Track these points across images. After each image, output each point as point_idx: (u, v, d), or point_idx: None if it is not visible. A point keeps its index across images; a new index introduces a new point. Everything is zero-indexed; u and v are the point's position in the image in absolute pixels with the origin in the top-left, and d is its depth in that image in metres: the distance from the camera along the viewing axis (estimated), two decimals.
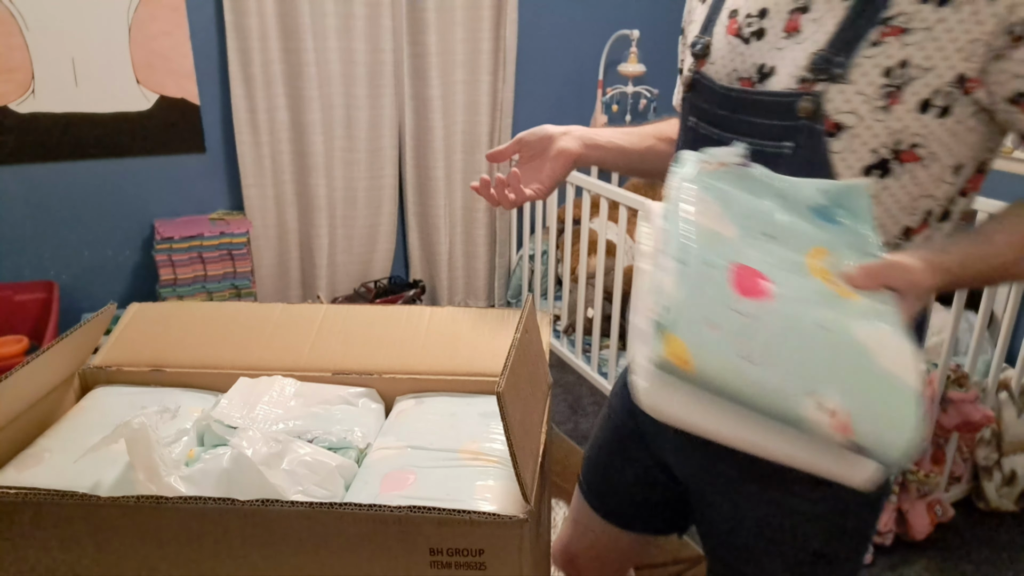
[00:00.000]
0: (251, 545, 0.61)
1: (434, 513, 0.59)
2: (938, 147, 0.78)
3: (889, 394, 0.56)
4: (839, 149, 0.79)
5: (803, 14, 0.82)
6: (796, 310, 0.59)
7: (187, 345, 0.93)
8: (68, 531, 0.62)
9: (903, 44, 0.76)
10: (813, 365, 0.56)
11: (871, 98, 0.77)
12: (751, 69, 0.86)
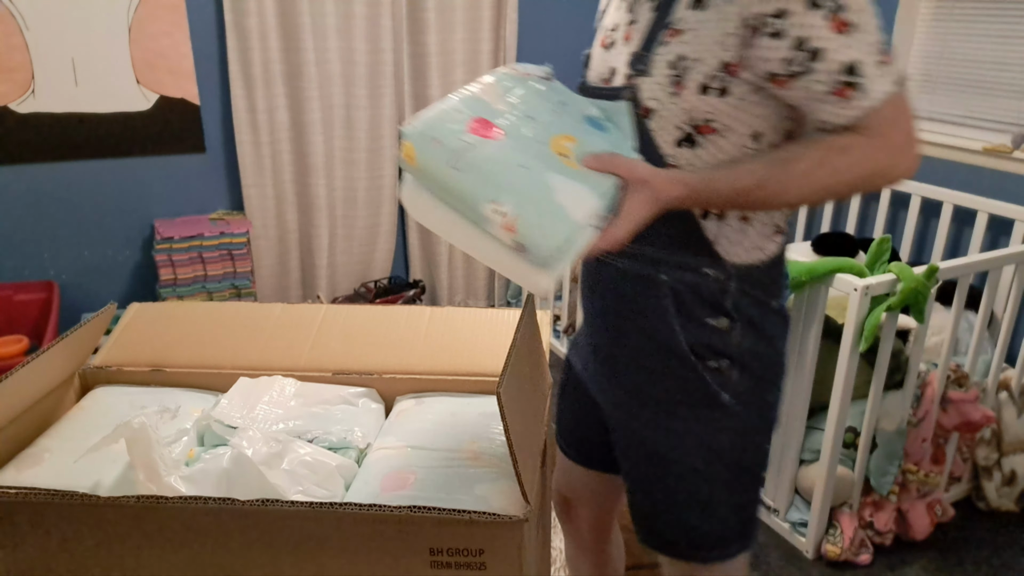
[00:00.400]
0: (251, 545, 0.61)
1: (434, 513, 0.59)
2: (728, 120, 0.94)
3: (552, 215, 0.76)
4: (654, 128, 0.97)
5: (632, 26, 1.01)
6: (510, 151, 0.78)
7: (187, 345, 0.93)
8: (68, 531, 0.62)
9: (680, 42, 0.93)
10: (501, 183, 0.76)
11: (664, 86, 0.95)
12: (608, 71, 1.05)
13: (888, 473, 2.00)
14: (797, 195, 0.93)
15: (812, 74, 0.88)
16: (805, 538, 2.05)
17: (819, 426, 2.02)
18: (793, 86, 0.90)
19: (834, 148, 0.91)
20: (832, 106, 0.90)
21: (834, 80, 0.88)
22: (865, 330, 1.78)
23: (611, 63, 1.04)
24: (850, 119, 0.90)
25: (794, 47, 0.88)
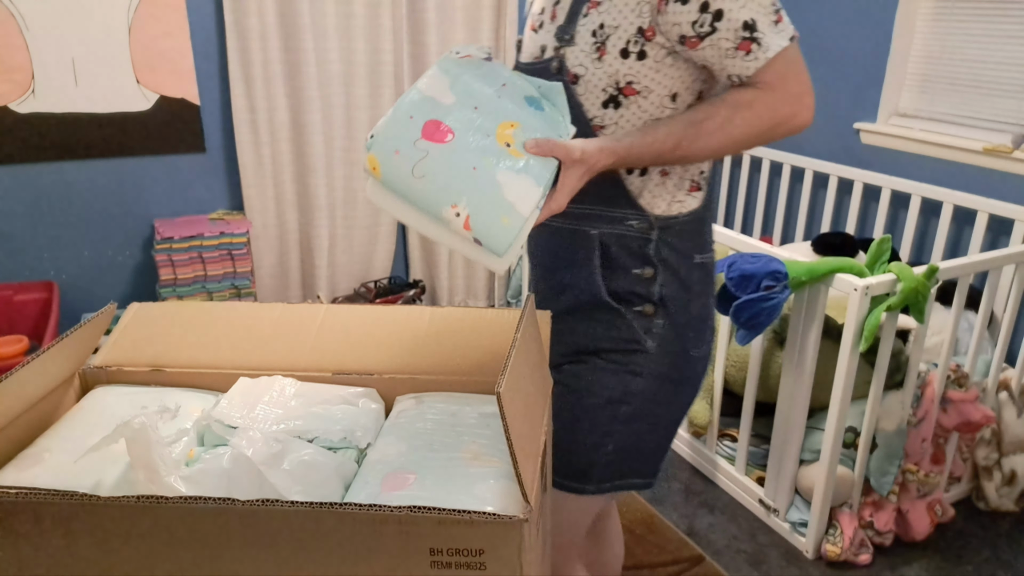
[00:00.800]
0: (251, 545, 0.61)
1: (434, 513, 0.59)
2: (648, 82, 1.05)
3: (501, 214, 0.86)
4: (581, 92, 1.07)
5: (556, 5, 1.11)
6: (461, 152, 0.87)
7: (187, 345, 0.93)
8: (68, 531, 0.62)
9: (599, 12, 1.04)
10: (457, 187, 0.86)
11: (589, 53, 1.05)
12: (538, 50, 1.13)
13: (888, 473, 2.00)
14: (711, 150, 1.04)
15: (717, 33, 0.99)
16: (805, 538, 2.05)
17: (819, 426, 2.02)
18: (702, 46, 1.01)
19: (740, 104, 1.02)
20: (738, 60, 1.01)
21: (737, 36, 1.00)
22: (865, 330, 1.78)
23: (541, 42, 1.13)
24: (755, 70, 1.01)
25: (700, 10, 0.99)
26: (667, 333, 1.14)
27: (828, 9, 3.01)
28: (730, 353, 2.24)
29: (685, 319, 1.14)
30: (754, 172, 3.44)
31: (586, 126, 1.07)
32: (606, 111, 1.06)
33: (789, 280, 1.84)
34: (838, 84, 3.02)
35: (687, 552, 1.15)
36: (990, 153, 2.47)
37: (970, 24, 2.59)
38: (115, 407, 0.83)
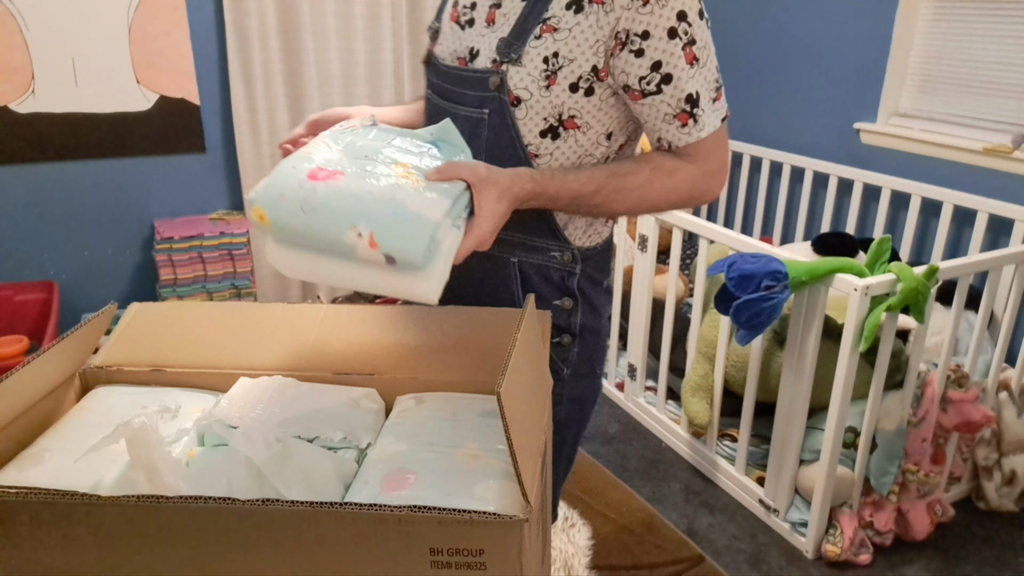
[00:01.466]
0: (251, 545, 0.61)
1: (434, 513, 0.59)
2: (590, 118, 1.02)
3: (409, 221, 0.79)
4: (520, 116, 1.01)
5: (497, 9, 1.03)
6: (354, 182, 0.82)
7: (187, 345, 0.93)
8: (68, 531, 0.62)
9: (555, 40, 0.98)
10: (354, 210, 0.79)
11: (536, 79, 0.99)
12: (465, 51, 1.06)
13: (888, 473, 2.00)
14: (625, 206, 1.02)
15: (661, 95, 0.98)
16: (805, 538, 2.05)
17: (819, 426, 2.02)
18: (643, 102, 1.00)
19: (663, 169, 1.02)
20: (673, 128, 1.00)
21: (678, 106, 0.99)
22: (865, 330, 1.78)
23: (469, 43, 1.05)
24: (685, 143, 1.01)
25: (651, 68, 0.97)
26: (581, 360, 1.15)
27: (828, 9, 3.01)
28: (730, 353, 2.24)
29: (595, 343, 1.17)
30: (754, 172, 3.44)
31: (520, 151, 1.03)
32: (543, 140, 1.03)
33: (789, 280, 1.84)
34: (838, 84, 3.02)
35: (687, 552, 1.15)
36: (990, 153, 2.47)
37: (970, 24, 2.59)
38: (115, 407, 0.83)
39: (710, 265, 2.00)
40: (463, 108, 1.06)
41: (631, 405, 2.75)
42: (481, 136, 1.04)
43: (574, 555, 1.19)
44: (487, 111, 1.03)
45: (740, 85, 3.49)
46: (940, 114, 2.72)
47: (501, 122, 1.02)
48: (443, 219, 0.82)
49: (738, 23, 3.45)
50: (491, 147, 1.04)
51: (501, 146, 1.04)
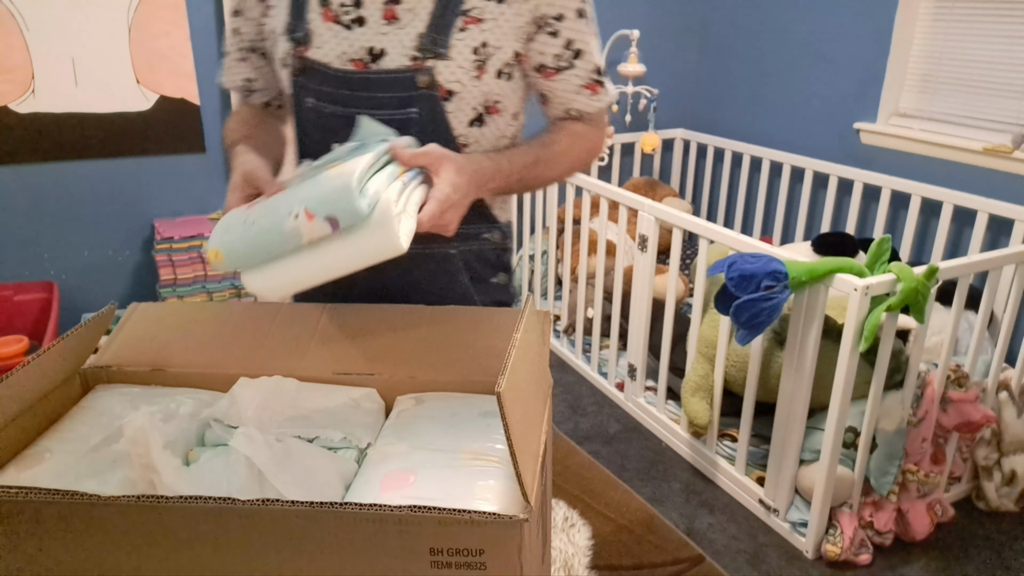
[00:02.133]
0: (251, 545, 0.61)
1: (434, 512, 0.59)
2: (507, 102, 1.08)
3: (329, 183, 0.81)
4: (451, 110, 1.03)
5: (396, 5, 1.00)
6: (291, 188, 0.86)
7: (188, 345, 0.93)
8: (68, 530, 0.62)
9: (481, 30, 1.00)
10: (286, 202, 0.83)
11: (468, 70, 1.01)
12: (360, 52, 1.01)
13: (888, 473, 2.00)
14: (556, 172, 1.11)
15: (574, 70, 1.08)
16: (805, 538, 2.05)
17: (819, 426, 2.02)
18: (558, 78, 1.08)
19: (576, 134, 1.12)
20: (583, 97, 1.10)
21: (588, 77, 1.09)
22: (865, 330, 1.78)
23: (365, 43, 1.01)
24: (596, 109, 1.11)
25: (564, 46, 1.06)
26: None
27: (828, 9, 3.01)
28: (730, 353, 2.24)
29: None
30: (754, 172, 3.44)
31: (451, 144, 1.04)
32: (471, 129, 1.05)
33: (789, 280, 1.84)
34: (838, 84, 3.02)
35: (687, 552, 1.15)
36: (990, 153, 2.47)
37: (970, 24, 2.59)
38: (115, 407, 0.82)
39: (710, 265, 2.01)
40: (378, 112, 1.03)
41: (631, 405, 2.75)
42: (412, 136, 1.02)
43: (574, 555, 1.19)
44: (415, 110, 1.02)
45: (740, 85, 3.49)
46: (940, 114, 2.72)
47: (432, 119, 1.02)
48: (366, 171, 0.84)
49: (739, 23, 3.45)
50: (422, 144, 1.02)
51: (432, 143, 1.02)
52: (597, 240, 2.98)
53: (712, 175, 3.69)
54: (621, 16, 3.47)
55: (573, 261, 3.08)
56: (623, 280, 2.74)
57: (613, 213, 3.15)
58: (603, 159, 3.42)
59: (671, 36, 3.63)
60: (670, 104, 3.72)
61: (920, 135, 2.70)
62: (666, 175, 3.88)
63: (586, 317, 2.99)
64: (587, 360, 3.03)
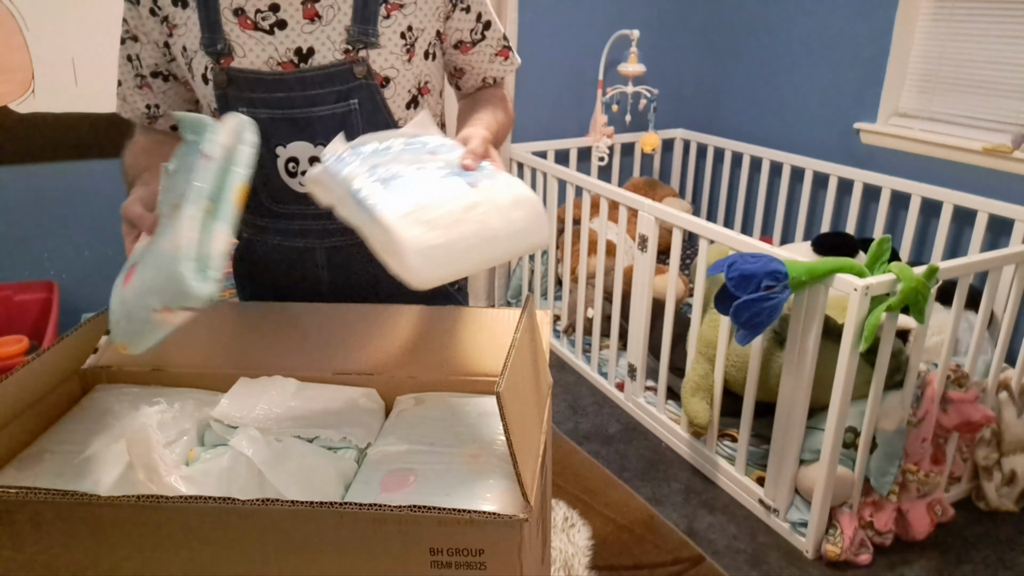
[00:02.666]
0: (251, 545, 0.61)
1: (434, 512, 0.59)
2: (435, 81, 1.14)
3: (168, 274, 0.73)
4: (390, 95, 1.06)
5: (316, 3, 1.00)
6: (145, 264, 0.82)
7: (187, 345, 0.93)
8: (68, 530, 0.62)
9: (404, 15, 1.04)
10: (145, 290, 0.77)
11: (399, 55, 1.05)
12: (288, 54, 1.02)
13: (888, 473, 2.00)
14: (505, 132, 1.17)
15: (486, 40, 1.15)
16: (805, 538, 2.05)
17: (819, 426, 2.02)
18: (473, 51, 1.15)
19: (501, 98, 1.20)
20: (497, 64, 1.19)
21: (499, 44, 1.17)
22: (865, 330, 1.78)
23: (291, 44, 1.01)
24: (509, 72, 1.21)
25: (476, 20, 1.12)
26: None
27: (828, 9, 3.01)
28: (730, 353, 2.24)
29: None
30: (754, 172, 3.44)
31: (394, 128, 1.07)
32: (408, 111, 1.09)
33: (789, 280, 1.84)
34: (838, 84, 3.02)
35: (687, 552, 1.15)
36: (990, 153, 2.47)
37: (970, 24, 2.59)
38: (115, 407, 0.83)
39: (710, 265, 2.01)
40: (317, 109, 1.04)
41: (631, 405, 2.75)
42: (354, 127, 1.05)
43: (574, 555, 1.19)
44: (355, 101, 1.04)
45: (740, 85, 3.49)
46: (940, 114, 2.72)
47: (373, 107, 1.05)
48: (195, 244, 0.75)
49: (739, 23, 3.45)
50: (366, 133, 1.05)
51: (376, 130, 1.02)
52: (597, 240, 2.98)
53: (712, 175, 3.69)
54: (621, 16, 3.46)
55: (573, 261, 3.08)
56: (623, 280, 2.74)
57: (613, 213, 3.15)
58: (603, 159, 3.42)
59: (671, 36, 3.63)
60: (670, 104, 3.72)
61: (920, 135, 2.70)
62: (666, 175, 3.88)
63: (586, 317, 2.99)
64: (587, 360, 3.03)
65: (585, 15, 3.39)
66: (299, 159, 1.08)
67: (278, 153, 1.08)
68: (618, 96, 3.55)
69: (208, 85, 1.05)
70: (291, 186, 1.10)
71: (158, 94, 1.18)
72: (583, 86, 3.49)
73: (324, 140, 1.06)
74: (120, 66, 1.17)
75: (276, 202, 1.13)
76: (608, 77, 3.47)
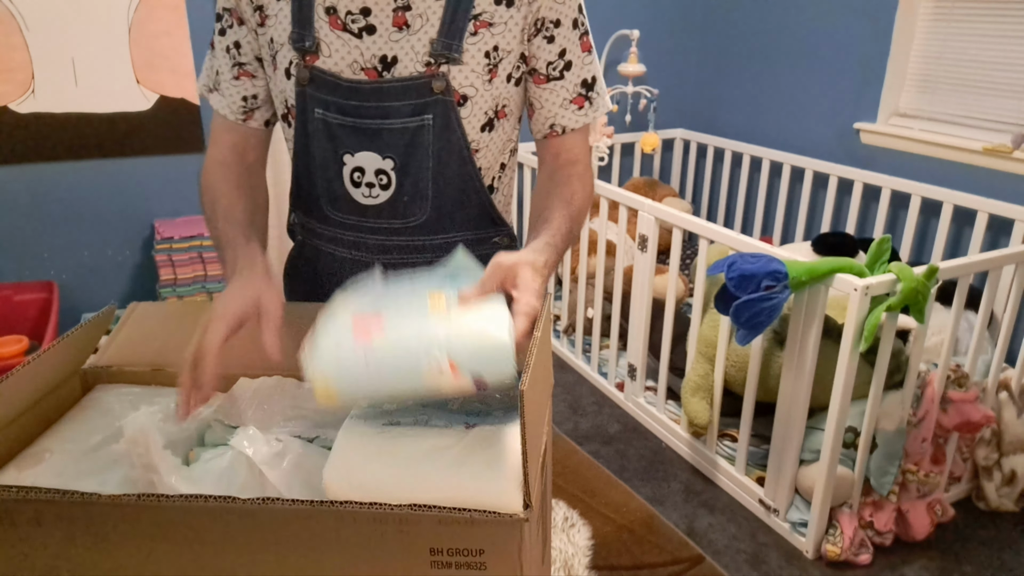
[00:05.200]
0: (251, 543, 0.61)
1: (434, 511, 0.59)
2: (513, 106, 1.08)
3: (483, 343, 0.72)
4: (466, 115, 1.02)
5: (407, 12, 0.97)
6: (404, 323, 0.74)
7: (188, 345, 0.93)
8: (69, 529, 0.62)
9: (492, 34, 0.99)
10: (417, 345, 0.71)
11: (481, 75, 1.00)
12: (373, 60, 0.99)
13: (888, 473, 2.00)
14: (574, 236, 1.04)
15: (563, 81, 1.05)
16: (805, 538, 2.05)
17: (819, 426, 2.02)
18: (546, 87, 1.05)
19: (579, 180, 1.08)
20: (569, 112, 1.07)
21: (575, 90, 1.06)
22: (865, 330, 1.78)
23: (378, 51, 0.99)
24: (580, 124, 1.08)
25: (559, 55, 1.03)
26: None
27: (828, 9, 3.01)
28: (730, 353, 2.25)
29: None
30: (754, 172, 3.44)
31: (465, 150, 1.04)
32: (483, 135, 1.05)
33: (789, 280, 1.84)
34: (838, 84, 3.02)
35: (687, 552, 1.15)
36: (990, 153, 2.47)
37: (970, 24, 2.59)
38: (116, 406, 0.82)
39: (710, 265, 2.01)
40: (389, 121, 1.01)
41: (631, 405, 2.75)
42: (424, 144, 1.02)
43: (574, 555, 1.19)
44: (429, 116, 1.01)
45: (740, 85, 3.50)
46: (940, 114, 2.72)
47: (446, 125, 1.01)
48: (511, 332, 0.74)
49: (739, 23, 3.45)
50: (436, 152, 1.03)
51: (447, 149, 1.03)
52: (597, 240, 2.98)
53: (712, 175, 3.69)
54: (621, 16, 3.46)
55: (573, 261, 3.08)
56: (623, 280, 2.74)
57: (613, 213, 3.15)
58: (603, 159, 3.42)
59: (671, 36, 3.63)
60: (670, 104, 3.72)
61: (920, 135, 2.70)
62: (666, 175, 3.88)
63: (586, 317, 3.00)
64: (587, 360, 3.03)
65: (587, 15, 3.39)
66: (365, 169, 1.05)
67: (345, 161, 1.05)
68: (618, 96, 3.55)
69: (290, 80, 1.03)
70: (353, 196, 1.07)
71: (255, 85, 1.11)
72: None
73: (393, 153, 1.03)
74: (211, 62, 1.11)
75: (335, 209, 1.11)
76: (608, 77, 3.47)
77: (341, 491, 0.66)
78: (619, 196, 2.63)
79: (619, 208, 2.65)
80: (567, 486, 1.30)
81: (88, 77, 2.65)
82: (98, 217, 2.83)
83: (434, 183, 1.05)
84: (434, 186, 1.05)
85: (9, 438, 0.75)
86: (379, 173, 1.05)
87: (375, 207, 1.08)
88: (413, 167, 1.04)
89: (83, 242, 2.83)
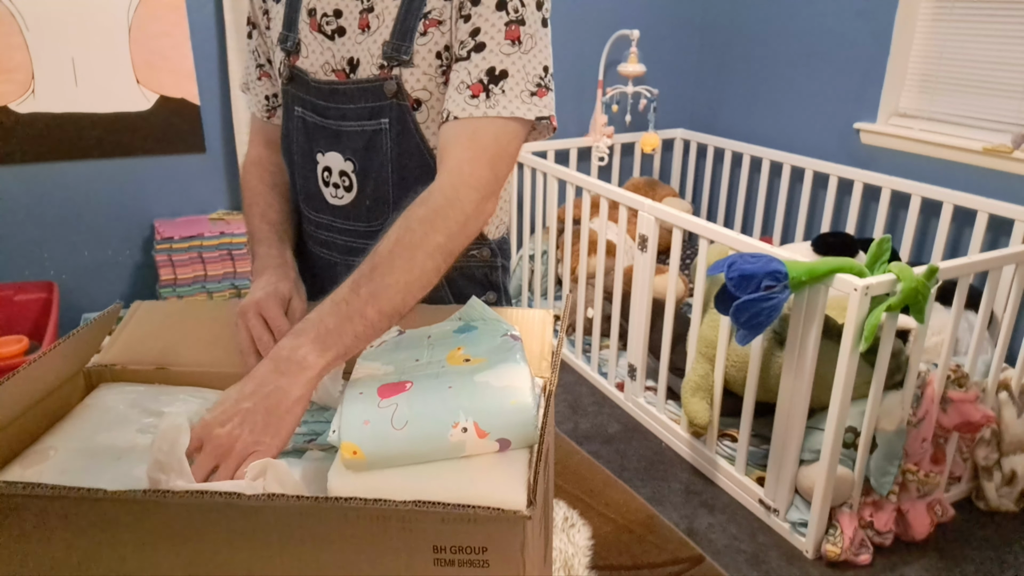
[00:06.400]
0: (255, 540, 0.61)
1: (438, 508, 0.59)
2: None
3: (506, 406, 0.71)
4: (422, 120, 0.98)
5: (370, 13, 0.96)
6: (430, 385, 0.75)
7: (192, 344, 0.93)
8: (73, 526, 0.62)
9: (442, 32, 0.94)
10: (446, 408, 0.71)
11: (433, 77, 0.95)
12: (342, 62, 0.98)
13: (888, 473, 2.00)
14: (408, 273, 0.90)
15: (467, 61, 0.92)
16: (805, 538, 2.05)
17: (819, 426, 2.02)
18: (453, 68, 0.94)
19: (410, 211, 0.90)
20: (462, 97, 0.91)
21: (478, 75, 0.91)
22: (865, 330, 1.79)
23: (345, 53, 0.98)
24: (467, 115, 0.90)
25: (470, 34, 0.92)
26: None
27: (828, 9, 3.01)
28: (730, 353, 2.25)
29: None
30: (754, 172, 3.44)
31: (427, 155, 0.99)
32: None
33: (789, 280, 1.85)
34: (838, 84, 3.02)
35: (687, 552, 1.15)
36: (990, 153, 2.48)
37: (970, 24, 2.60)
38: (119, 405, 0.83)
39: (710, 265, 2.01)
40: (347, 124, 1.00)
41: (631, 405, 2.75)
42: (382, 148, 1.00)
43: (574, 555, 1.19)
44: (386, 120, 0.98)
45: (740, 85, 3.50)
46: (940, 114, 2.73)
47: (403, 129, 0.98)
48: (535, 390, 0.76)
49: (739, 23, 3.46)
50: (396, 157, 1.00)
51: (407, 154, 1.00)
52: (597, 240, 2.98)
53: (712, 175, 3.69)
54: (621, 16, 3.47)
55: (573, 261, 3.08)
56: (623, 280, 2.75)
57: (613, 213, 3.15)
58: (603, 159, 3.42)
59: (671, 36, 3.63)
60: (670, 104, 3.73)
61: (920, 135, 2.70)
62: (666, 175, 3.89)
63: (586, 317, 3.00)
64: (587, 360, 3.03)
65: (585, 15, 3.40)
66: (332, 169, 1.05)
67: (317, 159, 1.06)
68: (618, 96, 3.56)
69: (280, 79, 1.07)
70: (324, 195, 1.07)
71: (276, 83, 1.14)
72: (583, 86, 3.49)
73: (353, 156, 1.01)
74: (246, 62, 1.17)
75: (309, 207, 1.11)
76: (608, 77, 3.47)
77: (345, 488, 0.68)
78: (619, 196, 2.63)
79: (619, 208, 2.65)
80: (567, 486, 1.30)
81: (88, 77, 2.65)
82: (98, 217, 2.83)
83: (396, 188, 1.02)
84: (396, 191, 1.02)
85: (13, 436, 0.75)
86: (342, 175, 1.05)
87: (342, 208, 1.07)
88: (373, 171, 1.02)
89: (83, 242, 2.83)
